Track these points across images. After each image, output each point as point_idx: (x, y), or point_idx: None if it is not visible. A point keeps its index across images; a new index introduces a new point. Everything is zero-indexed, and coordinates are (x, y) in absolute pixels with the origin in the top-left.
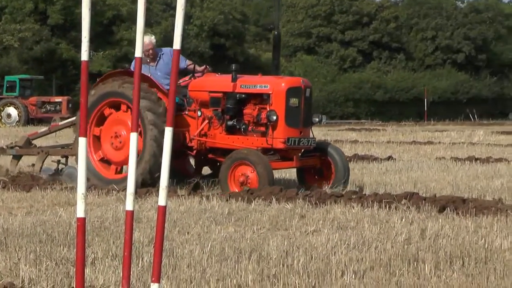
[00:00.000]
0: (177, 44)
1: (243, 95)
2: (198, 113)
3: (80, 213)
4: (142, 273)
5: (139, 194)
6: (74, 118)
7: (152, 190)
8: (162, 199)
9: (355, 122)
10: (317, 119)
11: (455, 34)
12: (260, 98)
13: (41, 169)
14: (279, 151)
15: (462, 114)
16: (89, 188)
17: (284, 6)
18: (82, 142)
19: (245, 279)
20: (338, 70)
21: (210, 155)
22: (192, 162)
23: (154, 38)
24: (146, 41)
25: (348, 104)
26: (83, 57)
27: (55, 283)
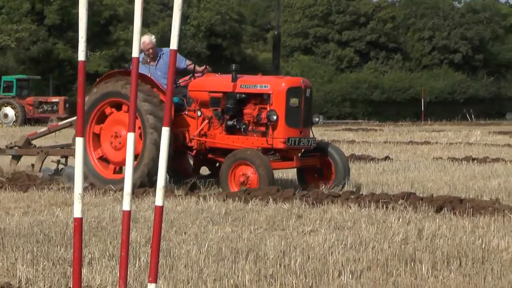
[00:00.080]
0: (174, 44)
1: (243, 95)
2: (198, 113)
3: (77, 213)
4: (139, 273)
5: (136, 194)
6: (73, 118)
7: (149, 190)
8: (159, 199)
9: (352, 122)
10: (317, 119)
11: (452, 34)
12: (260, 98)
13: (40, 169)
14: (279, 151)
15: (459, 114)
16: (86, 188)
17: (281, 6)
18: (79, 142)
19: (242, 279)
20: (335, 70)
21: (210, 155)
22: (191, 162)
23: (154, 38)
24: (146, 40)
25: (345, 104)
26: (80, 57)
27: (52, 283)
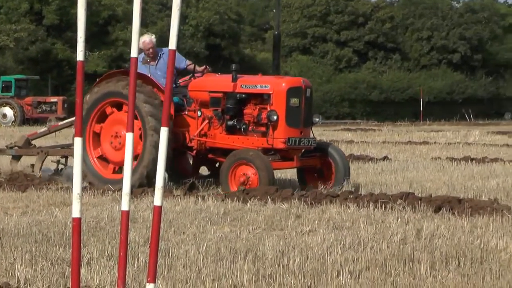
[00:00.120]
0: (172, 44)
1: (244, 95)
2: (198, 113)
3: (75, 213)
4: (138, 273)
5: (135, 194)
6: (73, 118)
7: (147, 190)
8: (157, 199)
9: (351, 122)
10: (317, 119)
11: (451, 34)
12: (260, 98)
13: (40, 169)
14: (280, 151)
15: (457, 114)
16: (84, 188)
17: (280, 6)
18: (78, 142)
19: (240, 279)
20: (333, 70)
21: (210, 155)
22: (191, 162)
23: (155, 38)
24: (146, 40)
25: (343, 104)
26: (79, 57)
27: (51, 283)
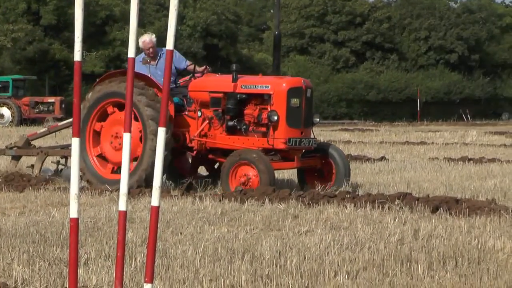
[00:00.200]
0: (170, 44)
1: (244, 95)
2: (198, 113)
3: (73, 213)
4: (135, 273)
5: (132, 195)
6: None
7: (145, 190)
8: (155, 200)
9: (348, 122)
10: (317, 119)
11: (448, 34)
12: (261, 99)
13: (40, 169)
14: (280, 152)
15: (455, 115)
16: (82, 188)
17: (276, 6)
18: (75, 143)
19: (238, 280)
20: (331, 70)
21: (210, 156)
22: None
23: (155, 37)
24: (146, 39)
25: (341, 104)
26: (76, 57)
27: (48, 284)
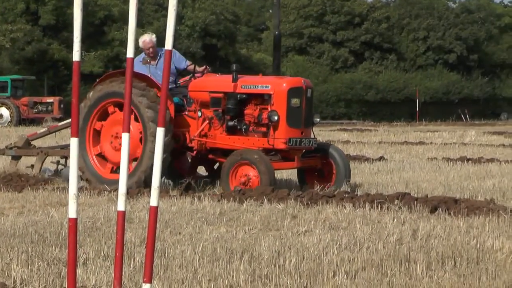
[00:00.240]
0: (169, 44)
1: (244, 95)
2: (199, 113)
3: (72, 213)
4: (134, 273)
5: (131, 195)
6: None
7: (143, 190)
8: (154, 200)
9: (347, 122)
10: (318, 119)
11: (447, 34)
12: (261, 99)
13: (40, 169)
14: (281, 152)
15: (453, 115)
16: (81, 188)
17: (280, 5)
18: (74, 143)
19: (236, 280)
20: (329, 70)
21: (210, 156)
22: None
23: (155, 37)
24: (146, 39)
25: (339, 104)
26: (75, 57)
27: (47, 284)
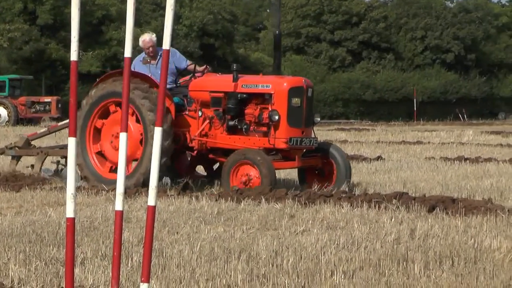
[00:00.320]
0: (166, 44)
1: (245, 95)
2: (199, 113)
3: (69, 213)
4: (132, 273)
5: (129, 194)
6: None
7: (141, 190)
8: (151, 199)
9: (345, 122)
10: (318, 119)
11: (444, 34)
12: (262, 98)
13: (40, 169)
14: (281, 151)
15: (451, 114)
16: (78, 188)
17: (276, 6)
18: (71, 142)
19: (234, 279)
20: (327, 70)
21: (211, 155)
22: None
23: (155, 36)
24: (146, 38)
25: (337, 104)
26: (73, 57)
27: (45, 283)
